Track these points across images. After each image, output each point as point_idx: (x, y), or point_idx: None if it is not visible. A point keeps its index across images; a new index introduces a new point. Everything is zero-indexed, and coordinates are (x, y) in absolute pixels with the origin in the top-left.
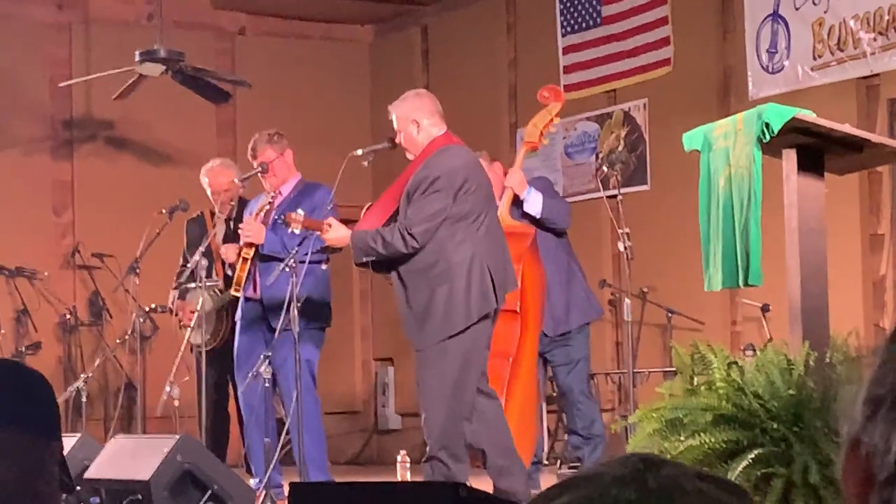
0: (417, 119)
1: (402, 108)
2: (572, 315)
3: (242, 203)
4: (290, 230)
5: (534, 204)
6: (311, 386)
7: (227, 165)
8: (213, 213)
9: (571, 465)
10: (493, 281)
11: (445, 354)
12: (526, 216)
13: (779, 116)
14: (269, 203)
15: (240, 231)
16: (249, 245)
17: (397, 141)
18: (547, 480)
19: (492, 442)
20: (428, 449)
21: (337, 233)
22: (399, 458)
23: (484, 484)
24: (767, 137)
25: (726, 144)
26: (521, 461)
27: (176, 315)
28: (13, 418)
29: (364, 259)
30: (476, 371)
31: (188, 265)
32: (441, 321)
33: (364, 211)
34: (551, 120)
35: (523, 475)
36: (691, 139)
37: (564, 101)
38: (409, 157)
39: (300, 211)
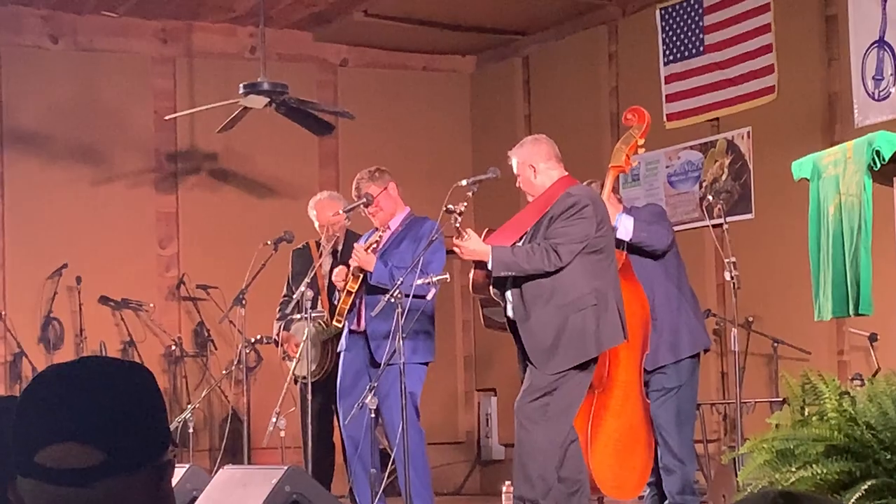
0: (534, 164)
1: (519, 154)
2: (675, 347)
3: (351, 236)
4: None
5: (624, 229)
6: (415, 418)
7: (334, 198)
8: (318, 245)
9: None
10: (621, 317)
11: (567, 381)
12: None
13: (890, 144)
14: (379, 238)
15: (353, 254)
16: (356, 277)
17: (517, 185)
18: None
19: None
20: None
21: (474, 245)
22: (504, 489)
23: None
24: (878, 165)
25: (836, 172)
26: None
27: (280, 346)
28: (138, 426)
29: (504, 273)
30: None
31: (292, 296)
32: (573, 348)
33: (483, 236)
34: (636, 142)
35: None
36: (800, 167)
37: (649, 121)
38: (529, 198)
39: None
